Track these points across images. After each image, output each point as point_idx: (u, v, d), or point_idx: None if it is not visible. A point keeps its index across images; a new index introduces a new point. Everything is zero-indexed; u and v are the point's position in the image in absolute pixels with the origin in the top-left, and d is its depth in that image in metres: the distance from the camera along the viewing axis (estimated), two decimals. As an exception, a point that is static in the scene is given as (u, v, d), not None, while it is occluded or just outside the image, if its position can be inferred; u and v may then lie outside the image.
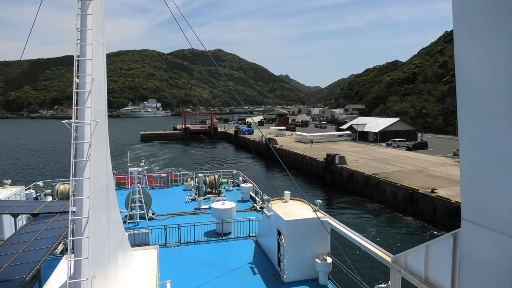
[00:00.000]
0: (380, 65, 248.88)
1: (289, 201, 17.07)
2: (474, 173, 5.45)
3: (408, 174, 45.24)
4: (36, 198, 26.12)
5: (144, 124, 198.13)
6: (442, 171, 47.57)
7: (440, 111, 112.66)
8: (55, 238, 11.91)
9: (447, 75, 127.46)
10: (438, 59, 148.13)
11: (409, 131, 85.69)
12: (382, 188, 41.72)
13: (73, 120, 8.41)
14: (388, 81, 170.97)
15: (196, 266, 16.10)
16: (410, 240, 31.14)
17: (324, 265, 14.05)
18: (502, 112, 4.74)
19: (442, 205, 33.59)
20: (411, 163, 53.39)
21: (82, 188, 8.26)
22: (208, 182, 28.48)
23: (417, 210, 36.39)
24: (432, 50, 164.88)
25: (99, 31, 9.48)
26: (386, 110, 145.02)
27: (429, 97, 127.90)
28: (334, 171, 51.33)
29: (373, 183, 43.38)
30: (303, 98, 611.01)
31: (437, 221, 33.90)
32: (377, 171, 46.93)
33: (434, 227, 33.38)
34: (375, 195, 42.62)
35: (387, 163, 54.30)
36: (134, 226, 21.11)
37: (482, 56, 5.03)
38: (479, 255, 5.48)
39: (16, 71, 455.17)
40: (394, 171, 47.26)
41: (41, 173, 61.15)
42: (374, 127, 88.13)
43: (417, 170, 48.25)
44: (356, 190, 46.28)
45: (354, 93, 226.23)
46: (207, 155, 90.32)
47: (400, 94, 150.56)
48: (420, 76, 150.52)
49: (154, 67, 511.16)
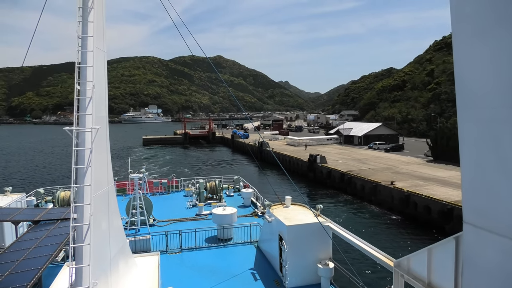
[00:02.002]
0: (375, 72, 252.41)
1: (290, 206, 17.01)
2: (475, 176, 5.44)
3: (378, 171, 51.06)
4: (37, 205, 26.07)
5: (145, 129, 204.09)
6: (408, 168, 53.73)
7: (424, 117, 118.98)
8: (56, 246, 11.89)
9: (432, 83, 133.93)
10: (426, 67, 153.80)
11: (391, 135, 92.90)
12: (353, 182, 48.16)
13: (74, 126, 8.44)
14: (379, 88, 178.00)
15: (198, 273, 16.02)
16: (374, 223, 36.85)
17: (326, 270, 13.97)
18: (504, 115, 4.72)
19: (397, 195, 39.70)
20: (384, 162, 59.66)
21: (83, 194, 8.27)
22: (209, 188, 28.42)
23: (379, 199, 42.38)
24: (422, 58, 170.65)
25: (100, 38, 9.54)
26: (376, 115, 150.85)
27: (415, 103, 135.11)
28: (316, 169, 57.86)
29: (346, 178, 49.77)
30: (302, 104, 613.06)
31: (394, 208, 39.86)
32: (352, 169, 52.85)
33: (392, 213, 39.46)
34: (348, 188, 49.00)
35: (363, 162, 60.21)
36: (135, 232, 21.03)
37: (482, 58, 5.01)
38: (482, 259, 5.45)
39: (19, 77, 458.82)
40: (366, 169, 53.02)
41: (42, 180, 61.14)
42: (358, 131, 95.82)
43: (387, 167, 54.36)
44: (333, 185, 52.56)
45: (350, 99, 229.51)
46: (205, 157, 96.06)
47: (390, 101, 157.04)
48: (409, 83, 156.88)
49: (155, 74, 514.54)
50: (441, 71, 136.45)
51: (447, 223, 32.65)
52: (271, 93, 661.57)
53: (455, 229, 33.30)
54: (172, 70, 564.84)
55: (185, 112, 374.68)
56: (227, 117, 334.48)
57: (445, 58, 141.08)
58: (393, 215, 38.61)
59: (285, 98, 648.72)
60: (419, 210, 36.34)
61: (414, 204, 37.04)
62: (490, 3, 4.77)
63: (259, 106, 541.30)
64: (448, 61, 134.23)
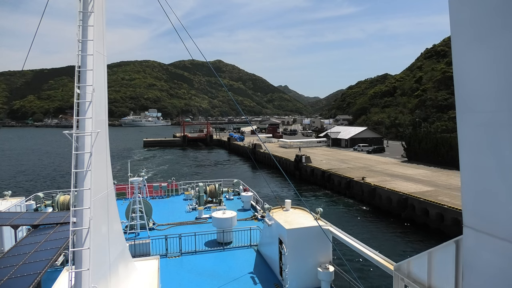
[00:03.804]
0: (371, 77, 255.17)
1: (290, 209, 16.99)
2: (474, 180, 5.44)
3: (355, 169, 55.82)
4: (37, 209, 26.00)
5: (145, 132, 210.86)
6: (382, 167, 58.34)
7: (410, 122, 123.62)
8: (55, 250, 11.84)
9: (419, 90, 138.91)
10: (416, 74, 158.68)
11: (376, 138, 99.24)
12: (332, 179, 53.74)
13: (74, 130, 8.44)
14: (371, 94, 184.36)
15: (197, 276, 15.96)
16: (347, 213, 41.83)
17: (326, 274, 13.92)
18: (503, 119, 4.74)
19: (366, 188, 44.93)
20: (362, 162, 64.48)
21: (83, 198, 8.25)
22: (209, 191, 28.39)
23: (353, 193, 47.89)
24: (414, 65, 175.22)
25: (100, 42, 9.57)
26: (367, 120, 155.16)
27: (403, 109, 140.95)
28: (301, 168, 63.41)
29: (326, 175, 55.39)
30: (301, 108, 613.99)
31: (364, 200, 45.08)
32: (332, 167, 57.86)
33: (362, 204, 44.61)
34: (327, 184, 54.59)
35: (344, 162, 65.01)
36: (135, 236, 20.98)
37: (481, 63, 5.03)
38: (482, 262, 5.44)
39: (20, 81, 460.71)
40: (345, 167, 57.79)
41: (41, 184, 61.02)
42: (345, 134, 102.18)
43: (363, 166, 59.09)
44: (316, 181, 58.01)
45: (346, 104, 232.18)
46: (203, 158, 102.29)
47: (381, 106, 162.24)
48: (399, 90, 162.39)
49: (155, 78, 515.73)
50: (429, 78, 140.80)
51: (403, 210, 38.13)
52: (270, 97, 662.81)
53: (409, 216, 36.11)
54: (172, 74, 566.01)
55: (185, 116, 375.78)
56: (226, 121, 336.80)
57: (433, 66, 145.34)
58: (363, 206, 44.04)
59: (284, 102, 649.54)
60: (383, 201, 41.68)
61: (379, 196, 42.36)
62: (489, 8, 4.80)
63: (258, 110, 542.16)
64: (436, 69, 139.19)
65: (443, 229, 32.56)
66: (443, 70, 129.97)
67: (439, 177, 48.77)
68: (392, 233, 34.30)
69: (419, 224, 35.44)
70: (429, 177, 48.82)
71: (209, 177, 64.80)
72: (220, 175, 65.84)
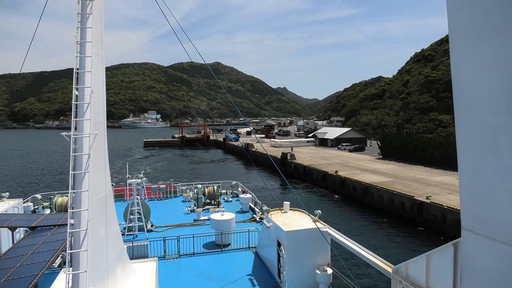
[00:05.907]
0: (365, 80, 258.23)
1: (288, 211, 16.98)
2: (473, 182, 5.44)
3: (332, 165, 62.11)
4: (34, 211, 25.91)
5: (145, 134, 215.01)
6: (357, 163, 64.92)
7: (395, 123, 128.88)
8: (53, 252, 11.79)
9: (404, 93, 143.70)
10: (404, 77, 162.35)
11: (359, 138, 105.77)
12: (311, 173, 60.89)
13: (72, 132, 8.43)
14: (362, 97, 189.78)
15: (196, 278, 15.92)
16: (322, 201, 48.08)
17: (324, 276, 13.89)
18: (501, 121, 4.74)
19: (338, 180, 52.01)
20: (341, 159, 70.75)
21: (81, 200, 8.22)
22: (207, 193, 28.34)
23: (327, 184, 54.93)
24: (403, 69, 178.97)
25: (98, 43, 9.57)
26: (356, 121, 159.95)
27: (390, 111, 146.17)
28: (286, 164, 69.73)
29: (307, 170, 62.44)
30: (299, 110, 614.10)
31: (336, 190, 52.02)
32: (313, 163, 64.48)
33: (334, 194, 51.23)
34: (307, 178, 61.78)
35: (325, 159, 71.61)
36: (133, 238, 20.92)
37: (479, 65, 5.03)
38: (480, 265, 5.43)
39: (20, 83, 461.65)
40: (324, 163, 64.29)
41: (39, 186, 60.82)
42: (331, 135, 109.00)
43: (341, 163, 65.40)
44: (298, 176, 64.83)
45: (341, 106, 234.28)
46: (200, 156, 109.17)
47: (370, 108, 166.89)
48: (388, 92, 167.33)
49: (154, 80, 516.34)
50: (414, 82, 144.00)
51: (365, 197, 45.21)
52: (269, 99, 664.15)
53: (371, 203, 45.39)
54: (171, 76, 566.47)
55: (184, 118, 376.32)
56: (224, 122, 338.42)
57: (420, 70, 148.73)
58: (335, 195, 50.70)
59: (282, 104, 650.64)
60: (350, 190, 48.87)
61: (347, 186, 49.55)
62: (487, 10, 4.81)
63: (256, 112, 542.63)
64: (422, 72, 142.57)
65: (392, 211, 40.21)
66: (426, 74, 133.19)
67: (402, 171, 55.62)
68: (355, 215, 41.55)
69: (376, 208, 42.64)
70: (394, 171, 55.57)
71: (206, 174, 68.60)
72: (215, 172, 72.90)
